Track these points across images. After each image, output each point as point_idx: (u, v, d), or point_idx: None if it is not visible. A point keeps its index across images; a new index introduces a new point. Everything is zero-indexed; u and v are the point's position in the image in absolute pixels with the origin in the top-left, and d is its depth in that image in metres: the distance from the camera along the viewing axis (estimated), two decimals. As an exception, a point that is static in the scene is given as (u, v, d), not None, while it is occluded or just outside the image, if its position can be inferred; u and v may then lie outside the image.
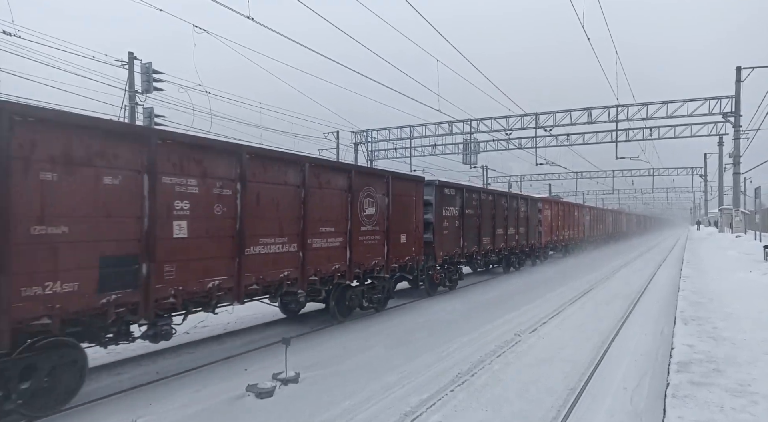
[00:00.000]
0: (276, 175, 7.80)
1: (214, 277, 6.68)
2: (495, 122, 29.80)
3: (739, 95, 24.46)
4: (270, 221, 7.66)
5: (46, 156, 4.95)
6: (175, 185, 6.21)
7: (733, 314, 7.66)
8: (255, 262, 7.35)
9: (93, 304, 5.35)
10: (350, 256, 9.47)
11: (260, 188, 7.45)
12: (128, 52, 18.59)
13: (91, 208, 5.33)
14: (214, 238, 6.68)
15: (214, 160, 6.72)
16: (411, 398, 5.67)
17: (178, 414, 5.35)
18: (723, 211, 34.65)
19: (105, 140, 5.50)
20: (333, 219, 9.06)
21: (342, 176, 9.37)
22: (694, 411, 3.73)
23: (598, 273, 18.95)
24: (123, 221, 5.64)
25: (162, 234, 6.00)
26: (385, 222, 10.60)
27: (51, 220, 4.95)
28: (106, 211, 5.47)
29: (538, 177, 57.17)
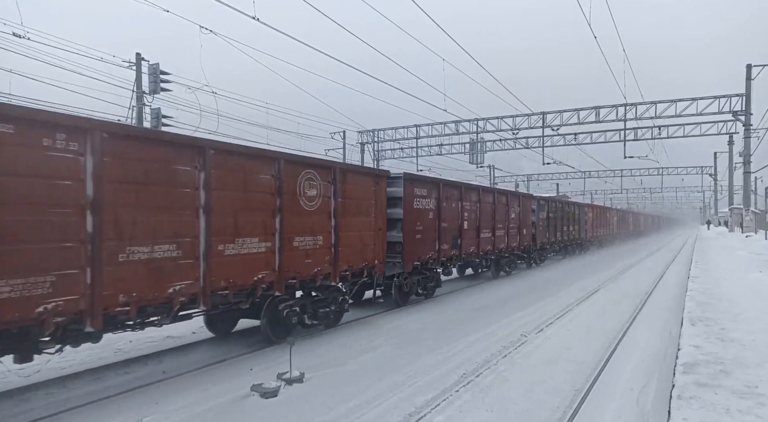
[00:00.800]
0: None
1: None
2: (502, 121, 29.72)
3: (750, 93, 24.23)
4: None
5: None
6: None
7: (742, 315, 7.58)
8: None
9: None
10: (280, 264, 7.68)
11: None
12: (136, 53, 18.74)
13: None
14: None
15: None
16: (416, 398, 5.67)
17: (184, 413, 5.38)
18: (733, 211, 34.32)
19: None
20: (256, 220, 7.35)
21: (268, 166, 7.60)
22: (700, 413, 3.70)
23: (606, 273, 18.74)
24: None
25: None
26: (332, 222, 8.91)
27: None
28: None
29: (545, 176, 56.92)
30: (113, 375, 6.71)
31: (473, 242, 14.81)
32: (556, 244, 24.91)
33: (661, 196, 74.43)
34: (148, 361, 7.31)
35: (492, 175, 47.90)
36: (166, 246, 6.02)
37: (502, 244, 17.07)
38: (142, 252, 5.75)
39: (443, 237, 12.98)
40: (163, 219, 6.01)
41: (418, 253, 11.91)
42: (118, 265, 5.50)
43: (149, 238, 5.83)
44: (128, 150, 5.67)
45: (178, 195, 6.21)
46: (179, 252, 6.17)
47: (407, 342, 8.31)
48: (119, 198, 5.53)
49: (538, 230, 21.28)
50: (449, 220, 13.41)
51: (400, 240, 11.25)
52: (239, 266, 7.00)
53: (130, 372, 6.82)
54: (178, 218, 6.18)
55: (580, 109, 27.71)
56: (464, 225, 14.16)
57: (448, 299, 13.19)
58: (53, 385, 6.23)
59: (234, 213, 6.94)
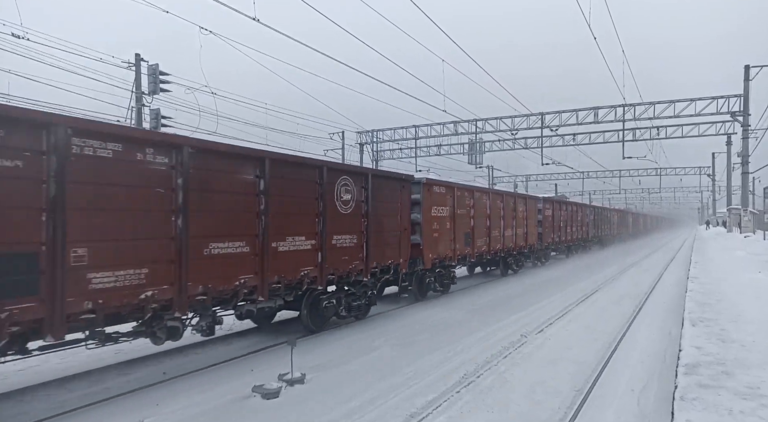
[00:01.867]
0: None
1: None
2: (500, 122, 29.71)
3: (748, 94, 24.25)
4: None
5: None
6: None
7: (742, 315, 7.59)
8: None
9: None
10: (321, 261, 8.53)
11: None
12: (135, 54, 18.69)
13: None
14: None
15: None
16: (417, 399, 5.67)
17: (185, 414, 5.37)
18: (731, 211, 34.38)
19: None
20: (302, 222, 8.24)
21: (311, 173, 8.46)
22: (703, 415, 3.70)
23: (607, 272, 18.93)
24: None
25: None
26: (364, 223, 9.71)
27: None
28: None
29: (544, 177, 56.96)
30: (113, 376, 6.69)
31: (484, 241, 15.82)
32: (560, 244, 25.79)
33: (660, 196, 74.51)
34: (148, 362, 7.29)
35: (491, 176, 47.91)
36: (237, 243, 6.94)
37: (511, 244, 18.06)
38: (220, 248, 6.64)
39: (458, 237, 13.91)
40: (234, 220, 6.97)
41: (436, 251, 12.79)
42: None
43: (225, 237, 6.76)
44: (209, 162, 6.66)
45: (242, 199, 7.13)
46: (247, 249, 7.07)
47: (407, 345, 8.31)
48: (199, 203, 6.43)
49: (543, 230, 22.15)
50: (463, 221, 14.35)
51: (418, 241, 12.01)
52: (291, 260, 7.93)
53: (131, 374, 6.80)
54: (243, 219, 7.11)
55: (578, 109, 27.72)
56: (476, 226, 15.13)
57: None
58: (53, 386, 6.21)
59: (286, 215, 7.80)
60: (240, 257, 6.96)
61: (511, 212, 18.20)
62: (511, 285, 15.81)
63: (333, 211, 8.84)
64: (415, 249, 11.86)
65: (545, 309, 11.21)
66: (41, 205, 4.84)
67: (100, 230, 5.34)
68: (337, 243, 9.00)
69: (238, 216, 7.05)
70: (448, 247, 13.42)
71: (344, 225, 9.16)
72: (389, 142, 34.77)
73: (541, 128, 28.87)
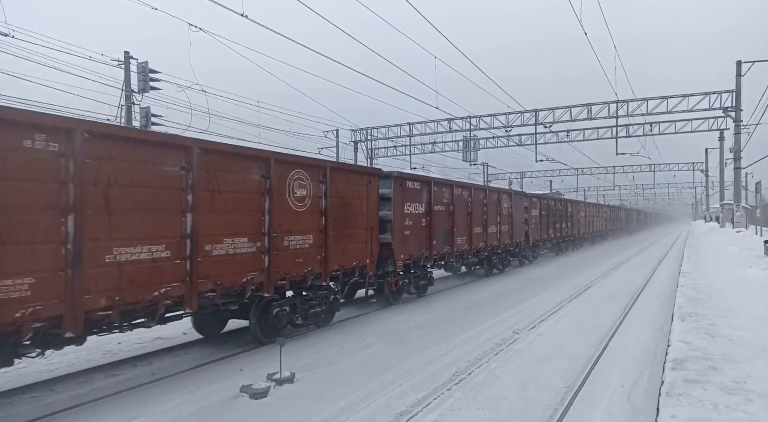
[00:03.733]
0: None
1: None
2: (494, 119, 29.70)
3: (740, 90, 24.35)
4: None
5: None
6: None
7: (732, 310, 7.61)
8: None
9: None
10: (269, 264, 7.61)
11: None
12: (124, 52, 18.55)
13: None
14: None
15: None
16: (407, 397, 5.64)
17: (172, 414, 5.33)
18: (724, 206, 34.54)
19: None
20: (244, 221, 7.30)
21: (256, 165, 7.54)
22: (688, 410, 3.69)
23: (598, 269, 18.93)
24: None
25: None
26: (322, 221, 8.85)
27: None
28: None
29: (538, 173, 57.04)
30: (101, 377, 6.63)
31: (465, 240, 14.82)
32: (549, 241, 25.00)
33: (653, 192, 74.75)
34: (137, 363, 7.23)
35: (485, 173, 47.94)
36: (155, 246, 6.08)
37: (495, 241, 17.09)
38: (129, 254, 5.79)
39: (435, 236, 12.91)
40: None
41: (409, 251, 11.81)
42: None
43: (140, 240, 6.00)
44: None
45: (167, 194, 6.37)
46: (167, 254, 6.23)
47: (398, 341, 8.28)
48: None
49: (530, 227, 21.34)
50: (441, 218, 13.36)
51: (389, 240, 11.12)
52: (291, 257, 8.19)
53: (119, 374, 6.74)
54: (165, 218, 6.29)
55: (572, 106, 27.74)
56: (456, 224, 14.15)
57: (440, 297, 13.17)
58: (39, 388, 6.15)
59: (223, 213, 6.94)
60: (157, 264, 5.97)
61: (495, 208, 17.25)
62: (494, 286, 15.07)
63: (284, 208, 7.95)
64: (386, 249, 11.02)
65: (533, 309, 10.85)
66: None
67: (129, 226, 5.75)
68: (290, 245, 8.09)
69: (159, 214, 6.04)
70: (423, 246, 12.46)
71: (298, 223, 8.26)
72: (384, 139, 34.71)
73: (534, 125, 28.90)
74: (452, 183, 14.61)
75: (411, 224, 11.88)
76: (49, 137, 4.97)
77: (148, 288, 5.89)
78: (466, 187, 15.52)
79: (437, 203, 13.12)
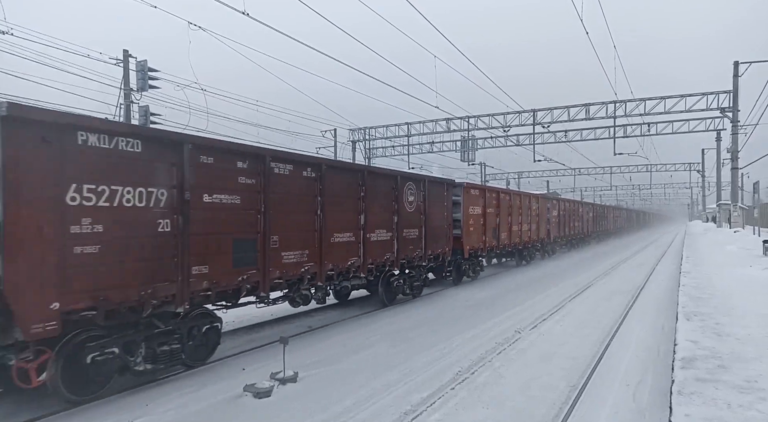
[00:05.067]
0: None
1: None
2: (493, 119, 29.68)
3: (737, 90, 24.39)
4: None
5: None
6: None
7: (736, 309, 7.60)
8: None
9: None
10: (397, 248, 11.04)
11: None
12: (123, 50, 18.44)
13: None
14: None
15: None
16: (412, 396, 5.60)
17: (176, 414, 5.27)
18: (721, 207, 34.66)
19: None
20: (385, 218, 10.71)
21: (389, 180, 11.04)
22: (701, 409, 3.66)
23: (602, 266, 19.71)
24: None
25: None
26: (422, 219, 12.10)
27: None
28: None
29: (536, 173, 57.09)
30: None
31: (507, 235, 18.45)
32: (565, 238, 28.70)
33: (650, 192, 74.99)
34: (137, 362, 7.14)
35: (483, 173, 47.95)
36: (347, 234, 9.49)
37: (526, 238, 20.74)
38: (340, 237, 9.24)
39: (487, 232, 16.46)
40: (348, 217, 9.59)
41: (471, 243, 15.30)
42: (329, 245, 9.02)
43: (343, 229, 9.36)
44: (333, 175, 9.09)
45: (353, 202, 9.73)
46: (353, 238, 9.66)
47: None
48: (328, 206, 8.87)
49: (551, 226, 24.81)
50: (491, 218, 16.85)
51: (459, 234, 14.42)
52: (378, 248, 10.43)
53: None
54: (351, 216, 9.65)
55: (570, 106, 27.75)
56: (501, 223, 17.75)
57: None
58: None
59: (374, 213, 10.23)
60: (349, 244, 9.53)
61: (527, 210, 20.77)
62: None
63: (402, 210, 11.24)
64: (456, 241, 14.16)
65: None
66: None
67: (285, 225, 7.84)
68: (407, 236, 11.44)
69: (346, 215, 9.51)
70: (480, 240, 15.92)
71: (410, 221, 11.59)
72: (382, 139, 34.64)
73: (533, 125, 28.91)
74: (499, 190, 18.70)
75: (473, 222, 15.40)
76: (312, 169, 8.55)
77: (345, 260, 9.45)
78: (508, 192, 19.48)
79: (489, 206, 16.65)
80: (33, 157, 4.78)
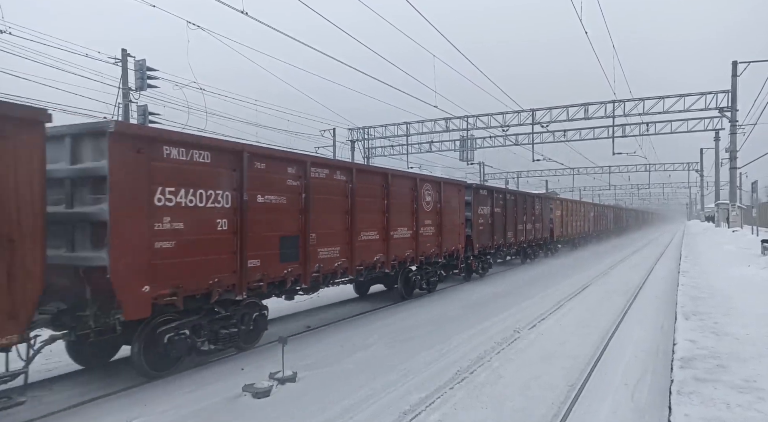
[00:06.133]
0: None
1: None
2: (492, 118, 29.67)
3: (736, 90, 24.40)
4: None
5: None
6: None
7: (734, 309, 7.61)
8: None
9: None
10: (416, 245, 11.60)
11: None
12: (121, 49, 18.40)
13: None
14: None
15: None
16: (411, 396, 5.59)
17: (174, 415, 5.25)
18: (720, 206, 34.71)
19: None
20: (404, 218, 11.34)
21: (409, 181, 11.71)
22: (700, 409, 3.66)
23: (602, 265, 19.94)
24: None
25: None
26: (438, 218, 12.72)
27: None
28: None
29: (534, 173, 57.09)
30: (101, 376, 6.54)
31: (512, 234, 19.04)
32: (567, 237, 29.21)
33: (649, 192, 75.03)
34: (136, 362, 7.14)
35: (482, 172, 47.95)
36: (372, 232, 10.11)
37: (531, 236, 21.35)
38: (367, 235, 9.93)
39: (495, 231, 17.17)
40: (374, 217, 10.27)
41: (481, 242, 16.02)
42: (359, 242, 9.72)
43: (369, 228, 10.05)
44: (361, 178, 9.84)
45: (378, 202, 10.44)
46: (378, 236, 10.35)
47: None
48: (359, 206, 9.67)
49: (554, 225, 25.36)
50: (499, 218, 17.52)
51: (469, 233, 14.92)
52: (400, 245, 11.02)
53: (119, 374, 6.65)
54: (377, 216, 10.34)
55: (569, 105, 27.75)
56: (508, 222, 18.38)
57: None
58: (39, 388, 6.05)
59: (395, 213, 10.83)
60: (375, 242, 10.24)
61: (531, 210, 21.38)
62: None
63: (421, 209, 11.82)
64: (467, 239, 14.71)
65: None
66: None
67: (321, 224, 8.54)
68: (424, 233, 11.95)
69: (373, 215, 10.20)
70: (489, 239, 16.64)
71: (427, 220, 12.19)
72: (380, 138, 34.61)
73: (531, 124, 28.90)
74: (505, 190, 19.36)
75: (482, 222, 16.14)
76: (341, 173, 9.29)
77: (372, 256, 10.13)
78: (513, 193, 19.99)
79: (496, 206, 17.30)
80: (131, 165, 5.68)
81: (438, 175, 17.42)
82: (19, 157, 4.63)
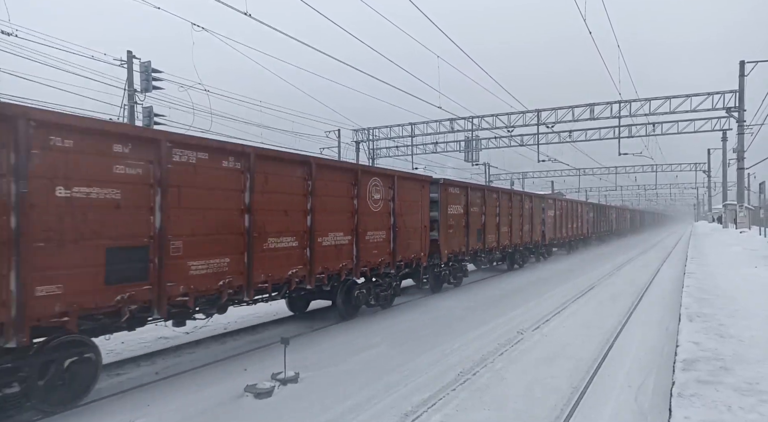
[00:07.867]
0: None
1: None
2: (497, 119, 29.60)
3: (743, 90, 24.23)
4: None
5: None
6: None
7: (740, 310, 7.54)
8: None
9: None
10: (357, 254, 9.53)
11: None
12: (127, 51, 18.52)
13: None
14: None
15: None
16: (413, 397, 5.59)
17: (177, 415, 5.28)
18: (727, 207, 34.43)
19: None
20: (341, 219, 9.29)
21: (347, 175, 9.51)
22: (701, 411, 3.63)
23: (605, 268, 19.27)
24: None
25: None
26: (391, 220, 10.62)
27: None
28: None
29: (540, 174, 56.90)
30: (104, 377, 6.56)
31: (494, 237, 16.64)
32: (562, 240, 26.69)
33: (655, 192, 74.58)
34: (140, 362, 7.18)
35: (487, 173, 47.86)
36: (289, 238, 8.08)
37: (517, 240, 18.82)
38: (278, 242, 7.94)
39: (470, 233, 14.68)
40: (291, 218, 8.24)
41: (451, 247, 13.57)
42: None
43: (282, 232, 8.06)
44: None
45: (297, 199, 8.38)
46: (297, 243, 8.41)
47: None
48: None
49: (546, 227, 23.03)
50: (475, 219, 15.07)
51: (436, 237, 12.72)
52: (331, 254, 9.03)
53: (122, 374, 6.70)
54: (295, 216, 8.33)
55: (574, 106, 27.63)
56: (487, 223, 15.93)
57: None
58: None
59: (324, 214, 8.81)
60: (292, 250, 8.05)
61: (518, 210, 18.95)
62: (518, 279, 16.60)
63: (365, 209, 9.74)
64: (433, 244, 12.59)
65: (548, 303, 11.83)
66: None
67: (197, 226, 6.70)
68: (370, 239, 9.91)
69: (288, 216, 8.09)
70: (462, 243, 14.21)
71: (375, 222, 10.06)
72: (385, 139, 34.63)
73: (537, 125, 28.80)
74: (484, 187, 16.90)
75: (453, 223, 13.63)
76: (234, 159, 7.04)
77: (285, 270, 7.92)
78: (495, 190, 17.44)
79: (472, 205, 14.87)
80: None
81: (441, 175, 17.04)
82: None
